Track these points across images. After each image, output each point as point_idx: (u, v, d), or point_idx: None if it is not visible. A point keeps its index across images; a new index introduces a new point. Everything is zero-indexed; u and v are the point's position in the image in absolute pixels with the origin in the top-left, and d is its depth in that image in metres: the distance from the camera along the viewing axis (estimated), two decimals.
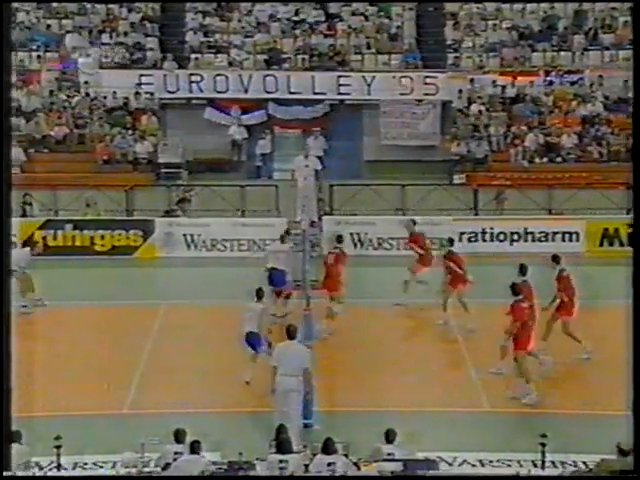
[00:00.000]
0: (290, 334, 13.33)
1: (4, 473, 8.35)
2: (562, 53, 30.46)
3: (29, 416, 13.51)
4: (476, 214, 26.19)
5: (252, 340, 15.19)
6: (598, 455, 11.04)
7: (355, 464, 11.01)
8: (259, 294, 15.49)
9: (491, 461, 12.41)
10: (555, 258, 16.54)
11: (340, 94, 29.66)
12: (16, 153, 27.55)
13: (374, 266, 21.97)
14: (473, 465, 12.32)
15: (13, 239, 23.74)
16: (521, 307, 14.63)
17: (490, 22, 31.50)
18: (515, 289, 14.85)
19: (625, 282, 10.79)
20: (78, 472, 11.98)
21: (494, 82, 29.95)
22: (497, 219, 25.20)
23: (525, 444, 12.32)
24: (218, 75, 29.49)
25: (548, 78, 29.83)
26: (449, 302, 18.05)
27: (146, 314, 18.83)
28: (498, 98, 29.72)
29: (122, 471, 11.28)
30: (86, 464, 12.26)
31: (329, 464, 10.73)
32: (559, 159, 28.23)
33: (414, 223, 20.09)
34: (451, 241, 18.77)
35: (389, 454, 11.14)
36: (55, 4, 31.75)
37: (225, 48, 30.96)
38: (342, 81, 29.64)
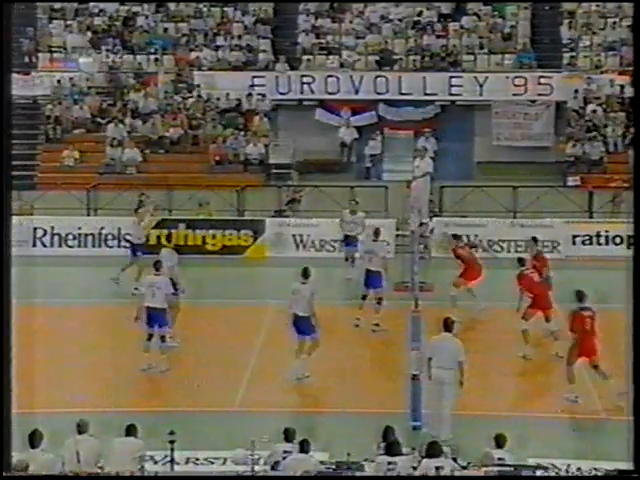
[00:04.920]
0: (447, 327, 13.35)
1: (4, 473, 8.50)
2: None
3: (145, 411, 13.89)
4: (591, 217, 25.57)
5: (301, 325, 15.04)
6: None
7: (464, 468, 10.87)
8: (306, 274, 15.35)
9: (607, 470, 12.05)
10: None
11: (451, 95, 29.41)
12: (133, 154, 28.33)
13: (486, 268, 21.62)
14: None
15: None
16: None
17: (610, 20, 30.70)
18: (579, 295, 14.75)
19: None
20: (190, 467, 12.21)
21: (612, 82, 29.20)
22: (613, 222, 24.56)
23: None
24: (329, 76, 29.63)
25: None
26: None
27: (256, 313, 19.03)
28: (616, 98, 28.96)
29: (232, 468, 11.43)
30: (198, 459, 12.48)
31: (437, 467, 10.61)
32: None
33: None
34: None
35: (499, 459, 10.95)
36: (172, 7, 32.48)
37: (337, 49, 31.08)
38: (454, 82, 29.39)
